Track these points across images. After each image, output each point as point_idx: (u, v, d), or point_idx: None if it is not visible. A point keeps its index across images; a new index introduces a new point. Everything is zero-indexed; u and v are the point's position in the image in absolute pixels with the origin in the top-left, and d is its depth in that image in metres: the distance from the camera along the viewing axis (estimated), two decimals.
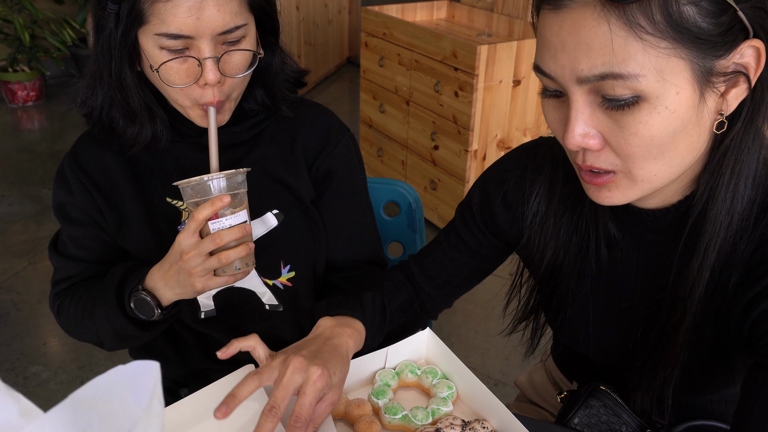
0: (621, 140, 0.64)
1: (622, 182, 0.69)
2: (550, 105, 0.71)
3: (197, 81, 0.88)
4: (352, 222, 1.09)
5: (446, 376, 0.86)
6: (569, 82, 0.64)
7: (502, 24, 2.89)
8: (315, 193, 1.07)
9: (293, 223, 1.03)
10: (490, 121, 2.60)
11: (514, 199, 0.90)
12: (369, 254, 1.11)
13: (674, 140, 0.65)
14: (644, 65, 0.60)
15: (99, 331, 1.00)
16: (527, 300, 0.95)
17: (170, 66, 0.87)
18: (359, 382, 0.87)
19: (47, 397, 2.02)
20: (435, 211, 2.92)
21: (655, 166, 0.66)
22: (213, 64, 0.87)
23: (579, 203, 0.84)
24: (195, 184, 0.85)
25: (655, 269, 0.82)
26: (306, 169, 1.05)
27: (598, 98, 0.64)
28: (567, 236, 0.86)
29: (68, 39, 4.31)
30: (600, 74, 0.61)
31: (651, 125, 0.63)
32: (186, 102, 0.91)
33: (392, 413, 0.80)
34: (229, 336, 1.07)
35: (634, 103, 0.62)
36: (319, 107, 1.11)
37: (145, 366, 0.39)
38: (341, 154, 1.07)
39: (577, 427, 0.87)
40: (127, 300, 0.93)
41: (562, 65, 0.64)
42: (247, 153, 1.03)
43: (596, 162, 0.68)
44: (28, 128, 4.11)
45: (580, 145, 0.66)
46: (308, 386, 0.74)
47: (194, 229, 0.84)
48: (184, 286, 0.88)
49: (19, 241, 2.83)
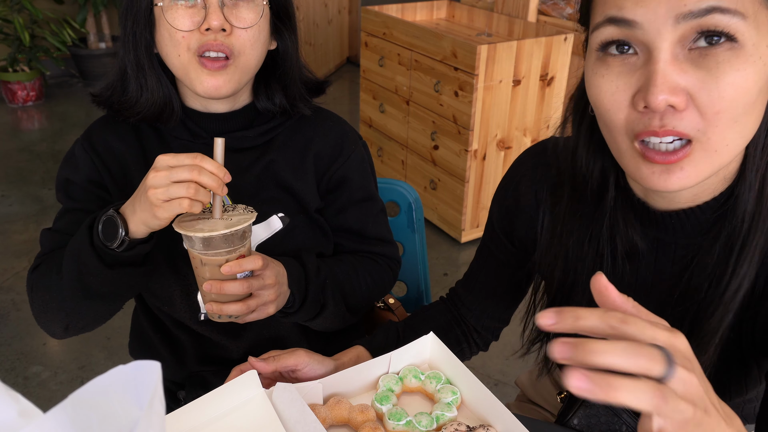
0: (714, 93, 0.59)
1: (696, 155, 0.63)
2: (614, 68, 0.64)
3: (200, 27, 0.88)
4: (365, 224, 1.09)
5: (450, 381, 0.86)
6: (663, 24, 0.59)
7: (502, 24, 2.89)
8: (322, 202, 1.06)
9: (298, 227, 1.03)
10: (490, 121, 2.60)
11: (526, 204, 0.90)
12: (382, 253, 1.12)
13: (758, 100, 0.61)
14: (746, 6, 0.58)
15: (63, 281, 0.90)
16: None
17: (177, 9, 0.89)
18: (362, 387, 0.87)
19: (47, 397, 2.02)
20: (435, 211, 2.92)
21: (731, 132, 0.62)
22: (217, 8, 0.88)
23: (590, 217, 0.80)
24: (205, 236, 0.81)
25: (678, 276, 0.78)
26: (314, 178, 1.05)
27: (687, 46, 0.60)
28: (578, 251, 0.82)
29: (68, 39, 4.31)
30: (707, 7, 0.57)
31: (748, 75, 0.59)
32: (187, 56, 0.91)
33: (396, 419, 0.79)
34: (229, 338, 1.07)
35: (731, 49, 0.59)
36: (333, 117, 1.10)
37: (146, 366, 0.39)
38: (355, 164, 1.07)
39: (577, 427, 0.87)
40: (96, 224, 0.86)
41: (656, 5, 0.59)
42: (257, 159, 1.02)
43: (679, 125, 0.61)
44: (28, 128, 4.11)
45: (668, 102, 0.60)
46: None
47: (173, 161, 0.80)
48: (144, 208, 0.82)
49: (19, 241, 2.83)
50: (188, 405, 0.77)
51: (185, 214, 0.86)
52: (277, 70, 1.01)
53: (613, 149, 0.69)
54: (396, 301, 1.23)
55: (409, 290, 1.38)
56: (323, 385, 0.82)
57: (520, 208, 0.91)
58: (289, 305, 0.96)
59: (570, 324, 0.49)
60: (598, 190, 0.79)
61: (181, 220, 0.84)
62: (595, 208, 0.80)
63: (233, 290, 0.83)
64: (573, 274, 0.84)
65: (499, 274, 0.98)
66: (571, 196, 0.81)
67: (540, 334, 0.92)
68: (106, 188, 1.00)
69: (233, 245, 0.82)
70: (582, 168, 0.79)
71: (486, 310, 1.02)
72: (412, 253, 1.35)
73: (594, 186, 0.79)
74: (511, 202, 0.92)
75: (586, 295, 0.84)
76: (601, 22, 0.63)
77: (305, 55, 1.07)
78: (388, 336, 0.99)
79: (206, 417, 0.78)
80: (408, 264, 1.35)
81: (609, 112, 0.65)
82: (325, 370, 0.88)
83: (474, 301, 1.02)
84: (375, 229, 1.10)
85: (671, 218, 0.75)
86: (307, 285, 0.97)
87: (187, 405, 0.77)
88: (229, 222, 0.83)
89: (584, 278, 0.83)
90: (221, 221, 0.83)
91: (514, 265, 0.96)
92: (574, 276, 0.84)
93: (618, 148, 0.68)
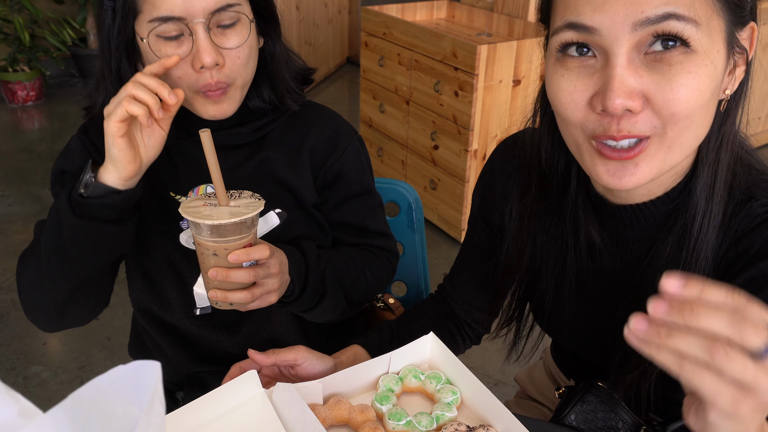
0: (669, 94, 0.62)
1: (652, 149, 0.66)
2: (573, 69, 0.66)
3: (192, 63, 0.87)
4: (363, 218, 1.09)
5: (450, 381, 0.86)
6: (620, 31, 0.61)
7: (502, 24, 2.89)
8: (318, 197, 1.06)
9: (295, 223, 1.03)
10: (490, 120, 2.60)
11: (499, 193, 0.93)
12: (381, 246, 1.12)
13: (710, 102, 0.64)
14: (699, 14, 0.61)
15: (41, 250, 0.90)
16: (509, 305, 0.96)
17: (167, 47, 0.86)
18: (362, 387, 0.87)
19: (47, 397, 2.02)
20: (435, 211, 2.92)
21: (687, 132, 0.65)
22: (208, 43, 0.86)
23: (555, 208, 0.84)
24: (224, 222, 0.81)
25: (635, 267, 0.81)
26: (310, 173, 1.05)
27: (643, 50, 0.62)
28: (544, 240, 0.86)
29: (68, 39, 4.30)
30: (664, 14, 0.60)
31: (700, 78, 0.62)
32: (188, 93, 0.90)
33: (396, 419, 0.79)
34: (224, 334, 1.07)
35: (685, 53, 0.61)
36: (327, 111, 1.10)
37: (146, 366, 0.39)
38: (350, 159, 1.07)
39: (574, 423, 0.87)
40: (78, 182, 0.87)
41: (613, 12, 0.61)
42: (251, 155, 1.02)
43: (634, 127, 0.64)
44: (28, 128, 4.11)
45: (624, 106, 0.62)
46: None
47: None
48: (105, 140, 0.84)
49: (19, 241, 2.83)
50: (188, 405, 0.77)
51: (191, 199, 0.86)
52: (265, 68, 1.00)
53: (570, 144, 0.72)
54: (396, 300, 1.23)
55: (409, 290, 1.38)
56: (323, 385, 0.82)
57: (495, 196, 0.94)
58: (289, 293, 0.96)
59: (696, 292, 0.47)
60: (563, 182, 0.82)
61: (186, 205, 0.84)
62: (560, 201, 0.83)
63: (239, 278, 0.83)
64: (539, 261, 0.87)
65: (482, 265, 1.00)
66: (538, 187, 0.84)
67: (507, 319, 0.96)
68: None
69: (242, 233, 0.82)
70: (546, 161, 0.82)
71: (473, 302, 1.03)
72: (412, 253, 1.35)
73: (558, 179, 0.82)
74: (488, 190, 0.96)
75: (552, 283, 0.88)
76: (560, 26, 0.65)
77: (305, 55, 1.07)
78: (382, 334, 1.00)
79: (206, 417, 0.78)
80: (408, 264, 1.35)
81: (566, 110, 0.67)
82: (324, 367, 0.88)
83: (461, 294, 1.03)
84: (373, 223, 1.10)
85: (626, 212, 0.78)
86: (307, 273, 0.97)
87: (187, 405, 0.77)
88: (236, 209, 0.83)
89: (550, 267, 0.87)
90: (227, 208, 0.83)
91: (493, 253, 0.98)
92: (540, 263, 0.87)
93: (574, 142, 0.70)
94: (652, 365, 0.77)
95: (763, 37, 3.40)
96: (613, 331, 0.84)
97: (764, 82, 3.54)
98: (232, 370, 0.87)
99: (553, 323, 0.92)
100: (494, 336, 0.97)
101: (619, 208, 0.79)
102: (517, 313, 0.95)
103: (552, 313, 0.91)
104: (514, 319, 0.96)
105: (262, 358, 0.86)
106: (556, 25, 0.66)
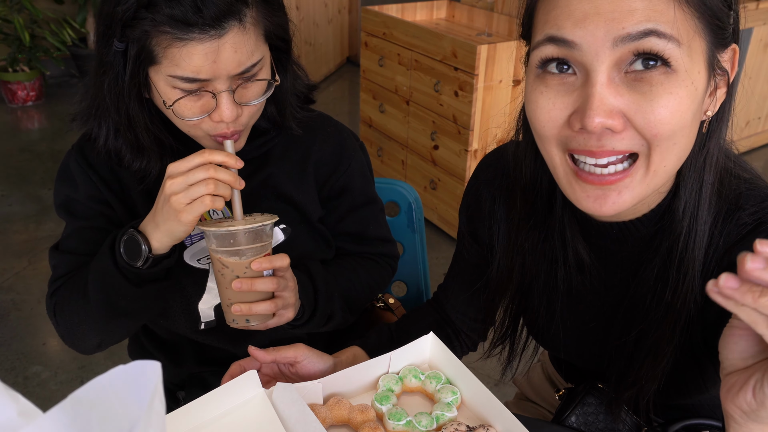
0: (650, 115, 0.61)
1: (638, 176, 0.65)
2: (553, 86, 0.65)
3: (211, 115, 0.85)
4: (366, 227, 1.10)
5: (450, 381, 0.86)
6: (601, 46, 0.60)
7: (502, 24, 2.89)
8: (323, 210, 1.06)
9: (300, 238, 1.03)
10: (490, 121, 2.60)
11: (486, 209, 0.92)
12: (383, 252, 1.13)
13: (692, 124, 0.64)
14: (681, 33, 0.60)
15: (90, 304, 0.91)
16: (501, 322, 0.95)
17: (184, 103, 0.84)
18: (362, 387, 0.87)
19: (47, 397, 2.02)
20: (435, 211, 2.92)
21: (670, 154, 0.64)
22: (229, 101, 0.84)
23: (543, 224, 0.83)
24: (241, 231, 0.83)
25: (625, 286, 0.81)
26: (315, 187, 1.05)
27: (623, 69, 0.61)
28: (533, 256, 0.85)
29: (68, 39, 4.30)
30: (645, 30, 0.59)
31: (681, 99, 0.61)
32: (199, 133, 0.89)
33: (396, 419, 0.79)
34: (230, 346, 1.07)
35: (665, 73, 0.60)
36: (330, 122, 1.09)
37: (146, 366, 0.39)
38: (355, 172, 1.07)
39: (575, 425, 0.87)
40: (117, 244, 0.87)
41: (594, 27, 0.60)
42: (255, 171, 1.01)
43: (619, 144, 0.63)
44: (28, 128, 4.11)
45: (603, 125, 0.61)
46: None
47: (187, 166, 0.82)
48: (168, 217, 0.83)
49: (19, 241, 2.83)
50: (188, 405, 0.77)
51: (207, 221, 0.88)
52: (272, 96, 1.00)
53: (548, 161, 0.71)
54: (396, 300, 1.23)
55: (409, 290, 1.38)
56: (323, 385, 0.82)
57: (481, 214, 0.93)
58: (298, 317, 0.97)
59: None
60: (548, 200, 0.81)
61: (203, 226, 0.84)
62: (546, 218, 0.82)
63: (263, 287, 0.84)
64: (529, 277, 0.86)
65: (472, 277, 0.99)
66: (524, 204, 0.83)
67: (503, 336, 0.95)
68: (107, 203, 0.98)
69: (262, 241, 0.85)
70: (529, 178, 0.81)
71: (467, 312, 1.03)
72: (412, 253, 1.35)
73: (543, 196, 0.81)
74: (474, 209, 0.95)
75: (544, 299, 0.87)
76: (541, 40, 0.64)
77: (305, 55, 1.06)
78: (381, 336, 1.00)
79: (206, 417, 0.78)
80: (408, 264, 1.35)
81: (544, 127, 0.67)
82: (324, 365, 0.88)
83: (454, 305, 1.03)
84: (375, 230, 1.11)
85: (613, 230, 0.78)
86: (316, 298, 0.99)
87: (187, 405, 0.77)
88: (253, 221, 0.85)
89: (541, 282, 0.86)
90: (244, 222, 0.85)
91: (484, 267, 0.97)
92: (530, 279, 0.87)
93: (551, 159, 0.69)
94: (649, 382, 0.77)
95: (764, 37, 3.41)
96: (609, 348, 0.84)
97: (764, 82, 3.54)
98: (232, 368, 0.87)
99: (548, 338, 0.92)
100: (487, 356, 0.96)
101: (605, 225, 0.78)
102: (510, 330, 0.94)
103: (546, 328, 0.90)
104: (507, 336, 0.95)
105: (262, 355, 0.86)
106: (537, 39, 0.65)
